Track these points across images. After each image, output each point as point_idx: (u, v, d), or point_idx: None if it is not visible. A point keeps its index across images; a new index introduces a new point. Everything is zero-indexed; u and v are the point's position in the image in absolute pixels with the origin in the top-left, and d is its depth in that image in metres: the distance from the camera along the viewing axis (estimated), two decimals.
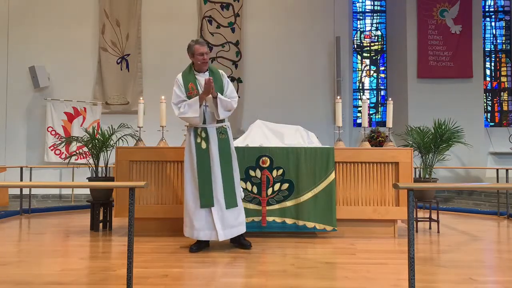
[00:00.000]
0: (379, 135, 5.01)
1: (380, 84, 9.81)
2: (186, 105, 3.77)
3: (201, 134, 3.83)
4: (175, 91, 3.86)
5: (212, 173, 3.76)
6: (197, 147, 3.81)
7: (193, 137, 3.84)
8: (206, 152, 3.79)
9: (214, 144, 3.81)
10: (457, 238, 4.57)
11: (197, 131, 3.84)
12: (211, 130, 3.85)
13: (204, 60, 3.85)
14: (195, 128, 3.86)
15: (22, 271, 3.14)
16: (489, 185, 3.63)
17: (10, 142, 8.53)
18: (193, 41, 3.90)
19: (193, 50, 3.84)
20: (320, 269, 3.22)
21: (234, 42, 8.89)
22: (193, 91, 3.83)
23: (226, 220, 3.77)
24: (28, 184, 5.48)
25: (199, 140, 3.82)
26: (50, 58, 8.61)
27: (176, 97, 3.84)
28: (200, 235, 3.75)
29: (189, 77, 3.89)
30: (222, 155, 3.82)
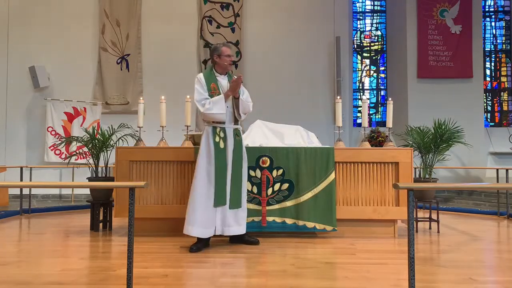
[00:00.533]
0: (379, 135, 5.01)
1: (380, 84, 9.82)
2: (211, 102, 3.83)
3: (220, 133, 3.88)
4: (198, 89, 3.90)
5: (227, 174, 3.85)
6: (216, 146, 3.85)
7: (211, 135, 3.87)
8: (224, 152, 3.86)
9: (230, 144, 3.90)
10: (457, 238, 4.57)
11: (215, 130, 3.88)
12: (229, 131, 3.92)
13: (231, 62, 4.01)
14: (213, 128, 3.89)
15: (22, 271, 3.14)
16: (489, 185, 3.62)
17: (10, 142, 8.53)
18: (221, 44, 4.07)
19: (220, 51, 3.97)
20: (320, 269, 3.22)
21: (234, 42, 8.89)
22: (215, 91, 3.91)
23: (226, 219, 3.85)
24: (28, 184, 5.48)
25: (218, 139, 3.86)
26: (50, 58, 8.62)
27: (199, 95, 3.88)
28: (205, 233, 3.80)
29: (210, 77, 3.98)
30: (235, 157, 3.90)
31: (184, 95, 5.06)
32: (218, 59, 3.99)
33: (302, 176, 4.39)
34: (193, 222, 3.79)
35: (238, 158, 3.92)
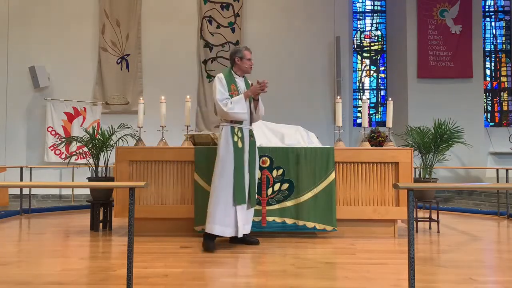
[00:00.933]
0: (379, 135, 5.00)
1: (380, 84, 9.82)
2: (232, 102, 3.87)
3: (238, 133, 3.92)
4: (219, 88, 3.91)
5: (244, 173, 3.89)
6: (235, 145, 3.88)
7: (230, 135, 3.90)
8: (242, 151, 3.90)
9: (246, 144, 3.95)
10: (457, 238, 4.57)
11: (234, 130, 3.91)
12: (246, 131, 3.98)
13: (251, 66, 4.12)
14: (232, 127, 3.92)
15: (22, 271, 3.14)
16: (489, 185, 3.62)
17: (10, 142, 8.53)
18: (243, 47, 4.14)
19: (243, 54, 4.06)
20: (320, 269, 3.22)
21: (234, 42, 8.89)
22: (234, 92, 3.96)
23: (246, 218, 3.96)
24: (28, 184, 5.48)
25: (236, 139, 3.90)
26: (50, 58, 8.62)
27: (221, 94, 3.89)
28: (225, 231, 3.82)
29: (230, 78, 4.03)
30: (251, 157, 3.97)
31: (184, 95, 5.06)
32: (240, 62, 4.06)
33: (302, 176, 4.39)
34: (216, 221, 3.80)
35: (252, 158, 3.99)
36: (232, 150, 3.86)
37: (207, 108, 8.79)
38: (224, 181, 3.82)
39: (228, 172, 3.83)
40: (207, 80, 8.85)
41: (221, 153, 3.89)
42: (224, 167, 3.84)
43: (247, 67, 4.09)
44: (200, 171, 4.43)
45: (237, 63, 4.08)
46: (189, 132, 4.81)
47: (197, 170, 4.44)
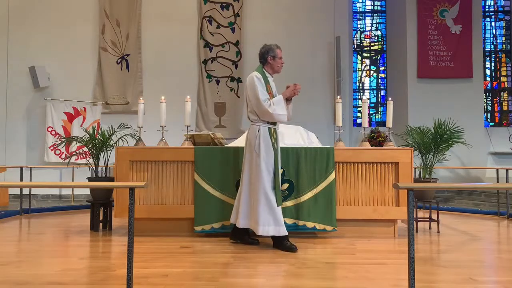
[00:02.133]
0: (379, 135, 5.00)
1: (380, 84, 9.81)
2: (273, 103, 3.84)
3: (274, 134, 3.93)
4: (260, 89, 3.85)
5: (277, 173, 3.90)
6: (273, 147, 3.90)
7: (269, 136, 3.89)
8: (277, 152, 3.93)
9: (279, 145, 4.00)
10: (457, 238, 4.57)
11: (271, 131, 3.91)
12: (278, 132, 4.01)
13: (283, 65, 4.05)
14: (269, 128, 3.91)
15: (22, 271, 3.14)
16: (489, 185, 3.62)
17: (10, 142, 8.53)
18: (274, 45, 4.02)
19: (276, 52, 3.98)
20: (320, 269, 3.22)
21: (234, 42, 8.89)
22: (270, 92, 3.92)
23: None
24: (28, 184, 5.48)
25: (273, 140, 3.91)
26: (50, 58, 8.61)
27: (263, 94, 3.85)
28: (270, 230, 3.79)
29: (265, 78, 3.97)
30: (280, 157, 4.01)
31: (184, 95, 5.06)
32: (272, 61, 3.99)
33: (302, 176, 4.39)
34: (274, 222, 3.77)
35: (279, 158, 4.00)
36: (272, 151, 3.86)
37: (207, 108, 8.80)
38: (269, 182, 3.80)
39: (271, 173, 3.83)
40: (207, 80, 8.85)
41: (262, 155, 3.83)
42: (268, 169, 3.81)
43: (279, 67, 4.03)
44: (200, 171, 4.43)
45: (269, 62, 3.99)
46: (189, 132, 4.81)
47: (197, 170, 4.44)
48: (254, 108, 3.87)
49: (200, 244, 4.06)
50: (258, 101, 3.81)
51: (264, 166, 3.82)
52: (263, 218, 3.77)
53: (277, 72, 4.09)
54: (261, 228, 3.77)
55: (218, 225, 4.37)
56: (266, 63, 4.01)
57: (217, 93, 8.85)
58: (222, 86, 8.87)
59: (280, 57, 4.01)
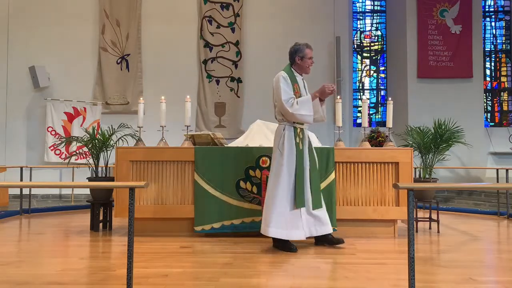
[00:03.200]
0: (379, 135, 5.00)
1: (380, 84, 9.81)
2: (298, 102, 3.76)
3: (299, 134, 3.85)
4: (284, 88, 3.79)
5: (305, 175, 3.83)
6: (297, 147, 3.82)
7: (293, 137, 3.82)
8: (302, 153, 3.84)
9: (306, 145, 3.89)
10: (457, 238, 4.57)
11: (296, 131, 3.84)
12: (306, 132, 3.92)
13: (312, 65, 3.96)
14: (294, 128, 3.84)
15: (22, 271, 3.14)
16: (489, 185, 3.63)
17: (10, 142, 8.53)
18: (304, 45, 3.93)
19: (305, 53, 3.90)
20: (320, 269, 3.22)
21: (234, 42, 8.89)
22: (297, 92, 3.84)
23: (312, 220, 3.84)
24: (28, 184, 5.48)
25: (298, 140, 3.83)
26: (50, 58, 8.61)
27: (286, 94, 3.78)
28: (292, 235, 3.75)
29: (292, 77, 3.89)
30: (311, 158, 3.92)
31: (184, 95, 5.06)
32: (300, 61, 3.92)
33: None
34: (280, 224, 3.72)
35: (313, 159, 3.94)
36: (295, 152, 3.80)
37: (207, 108, 8.80)
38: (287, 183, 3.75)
39: (290, 175, 3.76)
40: (207, 80, 8.85)
41: (285, 155, 3.78)
42: (289, 169, 3.77)
43: (307, 67, 3.94)
44: (200, 171, 4.43)
45: (297, 62, 3.93)
46: (189, 132, 4.81)
47: (197, 170, 4.44)
48: (279, 108, 3.84)
49: (200, 244, 4.06)
50: (280, 101, 3.78)
51: (285, 166, 3.77)
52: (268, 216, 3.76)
53: (305, 73, 4.00)
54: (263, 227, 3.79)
55: (218, 225, 4.37)
56: (294, 63, 3.95)
57: (217, 93, 8.86)
58: (222, 86, 8.87)
59: (310, 57, 3.91)
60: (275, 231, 3.73)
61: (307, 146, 3.90)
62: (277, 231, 3.73)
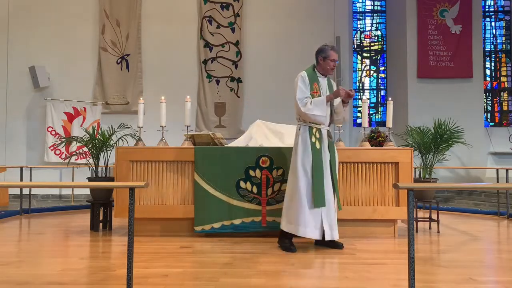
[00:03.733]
0: (379, 135, 5.00)
1: (380, 84, 9.81)
2: (312, 103, 3.79)
3: (316, 134, 3.85)
4: (301, 87, 3.84)
5: (324, 174, 3.81)
6: (313, 146, 3.82)
7: (308, 136, 3.85)
8: (320, 153, 3.83)
9: (325, 145, 3.87)
10: (457, 238, 4.57)
11: (312, 131, 3.85)
12: (324, 132, 3.90)
13: (334, 67, 3.96)
14: (310, 128, 3.86)
15: (22, 271, 3.14)
16: (489, 185, 3.63)
17: (10, 142, 8.53)
18: (329, 46, 3.96)
19: (328, 54, 3.90)
20: (320, 269, 3.22)
21: (234, 42, 8.89)
22: (316, 91, 3.87)
23: (333, 221, 3.83)
24: (28, 184, 5.48)
25: (314, 139, 3.83)
26: (50, 58, 8.61)
27: (302, 93, 3.82)
28: (308, 232, 3.75)
29: (313, 77, 3.92)
30: (331, 158, 3.90)
31: (184, 95, 5.06)
32: (322, 61, 3.93)
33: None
34: (297, 221, 3.75)
35: (333, 159, 3.92)
36: (310, 151, 3.80)
37: (207, 108, 8.80)
38: (303, 183, 3.77)
39: (306, 174, 3.78)
40: (207, 80, 8.85)
41: (299, 154, 3.82)
42: (304, 168, 3.79)
43: (328, 68, 3.94)
44: (200, 171, 4.43)
45: (320, 62, 3.95)
46: (189, 132, 4.81)
47: (197, 170, 4.44)
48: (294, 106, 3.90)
49: (200, 244, 4.06)
50: (295, 99, 3.83)
51: (300, 165, 3.79)
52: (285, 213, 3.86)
53: (327, 73, 4.00)
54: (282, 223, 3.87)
55: (218, 225, 4.37)
56: (318, 63, 3.98)
57: (217, 93, 8.86)
58: (222, 86, 8.87)
59: (333, 59, 3.90)
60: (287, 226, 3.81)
61: (326, 145, 3.87)
62: (290, 226, 3.79)
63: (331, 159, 3.89)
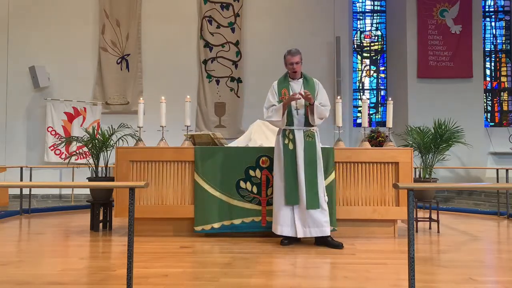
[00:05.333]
0: (379, 135, 5.00)
1: (380, 84, 9.81)
2: (273, 110, 4.08)
3: (289, 135, 4.06)
4: (268, 97, 4.17)
5: (298, 173, 3.97)
6: (285, 148, 4.05)
7: (281, 138, 4.10)
8: (293, 153, 4.01)
9: (300, 146, 4.01)
10: (457, 238, 4.57)
11: (285, 133, 4.08)
12: (299, 133, 4.05)
13: (293, 69, 4.16)
14: (283, 130, 4.10)
15: (22, 271, 3.14)
16: (489, 185, 3.63)
17: (10, 142, 8.53)
18: (287, 52, 4.24)
19: (286, 60, 4.21)
20: (320, 269, 3.22)
21: (234, 42, 8.89)
22: (284, 96, 4.10)
23: (307, 220, 3.96)
24: (28, 184, 5.49)
25: (287, 141, 4.06)
26: (50, 58, 8.61)
27: (268, 102, 4.15)
28: (284, 231, 3.99)
29: (284, 83, 4.20)
30: (308, 157, 4.01)
31: (184, 95, 5.06)
32: (286, 67, 4.24)
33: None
34: (276, 220, 4.07)
35: (310, 158, 4.02)
36: (282, 153, 4.04)
37: (207, 108, 8.80)
38: (278, 182, 4.05)
39: (281, 174, 4.03)
40: (207, 80, 8.85)
41: (275, 156, 4.14)
42: (278, 169, 4.07)
43: (290, 71, 4.19)
44: (200, 171, 4.43)
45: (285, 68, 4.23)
46: (189, 132, 4.81)
47: (197, 170, 4.44)
48: None
49: (200, 244, 4.06)
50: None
51: (276, 166, 4.11)
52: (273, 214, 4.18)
53: (294, 77, 4.21)
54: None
55: (218, 225, 4.37)
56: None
57: (217, 93, 8.86)
58: (222, 86, 8.87)
59: (290, 62, 4.15)
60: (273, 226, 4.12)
61: (302, 146, 4.01)
62: (273, 226, 4.11)
63: (307, 159, 4.00)
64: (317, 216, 3.95)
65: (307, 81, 4.21)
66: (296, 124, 4.06)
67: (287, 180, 3.99)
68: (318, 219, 3.95)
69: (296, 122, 4.06)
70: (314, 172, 4.01)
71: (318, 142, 4.12)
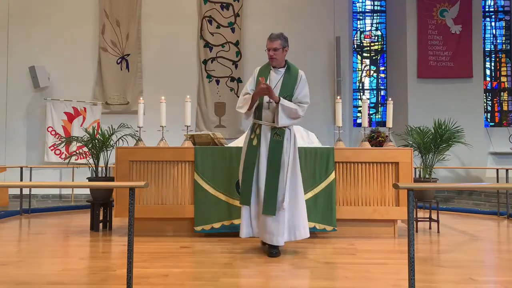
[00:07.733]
0: (379, 135, 5.00)
1: (380, 84, 9.81)
2: (244, 100, 3.68)
3: (256, 130, 3.68)
4: (247, 83, 3.76)
5: (257, 172, 3.60)
6: (249, 143, 3.69)
7: (249, 132, 3.75)
8: (255, 150, 3.63)
9: (264, 143, 3.61)
10: (457, 238, 4.57)
11: (254, 127, 3.72)
12: (265, 129, 3.63)
13: (270, 56, 3.67)
14: (253, 123, 3.73)
15: (22, 271, 3.14)
16: (489, 185, 3.63)
17: (10, 142, 8.53)
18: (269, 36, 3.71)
19: (266, 45, 3.69)
20: (320, 269, 3.22)
21: (234, 42, 8.89)
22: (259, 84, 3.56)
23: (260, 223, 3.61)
24: (28, 184, 5.48)
25: (253, 136, 3.69)
26: (50, 58, 8.61)
27: (244, 89, 3.74)
28: (243, 233, 3.66)
29: (265, 71, 3.74)
30: (271, 157, 3.58)
31: (184, 95, 5.06)
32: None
33: (302, 176, 4.36)
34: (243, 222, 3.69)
35: (274, 159, 3.57)
36: (246, 147, 3.70)
37: (207, 108, 8.80)
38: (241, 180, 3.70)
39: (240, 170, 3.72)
40: (207, 80, 8.85)
41: (243, 150, 3.77)
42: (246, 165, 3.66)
43: (269, 59, 3.71)
44: (200, 171, 4.43)
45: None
46: (189, 132, 4.81)
47: (197, 170, 4.44)
48: None
49: (200, 244, 4.06)
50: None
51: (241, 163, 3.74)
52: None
53: (272, 64, 3.71)
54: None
55: (218, 225, 4.37)
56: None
57: (217, 93, 8.86)
58: (222, 86, 8.87)
59: (268, 48, 3.65)
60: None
61: (266, 144, 3.60)
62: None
63: (270, 159, 3.57)
64: (269, 225, 3.52)
65: (289, 71, 3.71)
66: (264, 119, 3.62)
67: (243, 178, 3.62)
68: (270, 229, 3.52)
69: (264, 116, 3.62)
70: (276, 175, 3.54)
71: (288, 142, 3.63)
